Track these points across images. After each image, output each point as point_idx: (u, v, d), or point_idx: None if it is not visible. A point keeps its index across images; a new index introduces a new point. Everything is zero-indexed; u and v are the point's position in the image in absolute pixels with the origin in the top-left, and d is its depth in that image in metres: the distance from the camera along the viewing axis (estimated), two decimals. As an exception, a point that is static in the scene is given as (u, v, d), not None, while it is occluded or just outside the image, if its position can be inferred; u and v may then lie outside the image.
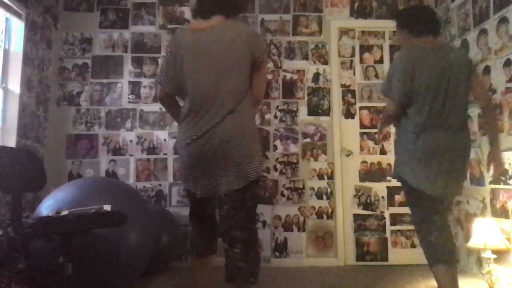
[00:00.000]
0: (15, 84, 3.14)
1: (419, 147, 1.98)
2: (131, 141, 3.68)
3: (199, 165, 1.76)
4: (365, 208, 3.64)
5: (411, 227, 3.41)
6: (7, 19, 3.13)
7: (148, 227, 2.61)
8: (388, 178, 3.63)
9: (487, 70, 2.99)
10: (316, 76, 3.81)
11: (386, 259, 3.46)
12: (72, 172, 3.61)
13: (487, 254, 2.60)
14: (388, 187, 3.64)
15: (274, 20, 3.86)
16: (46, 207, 2.39)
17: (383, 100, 2.64)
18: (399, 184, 2.14)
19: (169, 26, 3.84)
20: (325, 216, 3.63)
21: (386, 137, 3.44)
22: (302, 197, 3.65)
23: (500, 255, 2.62)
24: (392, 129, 2.98)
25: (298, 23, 3.87)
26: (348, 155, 3.68)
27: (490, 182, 2.90)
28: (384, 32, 3.87)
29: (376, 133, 2.68)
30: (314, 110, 3.77)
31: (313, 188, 3.66)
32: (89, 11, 3.83)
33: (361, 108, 3.78)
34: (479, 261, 2.95)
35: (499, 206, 2.80)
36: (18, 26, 3.18)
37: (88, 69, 3.75)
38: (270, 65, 3.80)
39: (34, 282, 2.54)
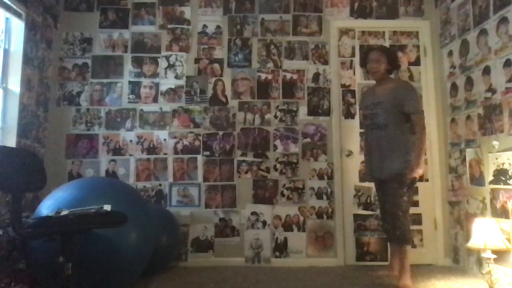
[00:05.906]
0: (15, 84, 3.14)
1: None
2: (131, 141, 3.68)
3: None
4: (365, 208, 3.63)
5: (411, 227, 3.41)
6: (7, 19, 3.13)
7: (148, 227, 2.61)
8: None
9: (487, 70, 2.99)
10: (316, 76, 3.81)
11: (386, 259, 3.46)
12: (72, 172, 3.61)
13: (487, 254, 2.60)
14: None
15: (274, 20, 3.86)
16: (46, 207, 2.39)
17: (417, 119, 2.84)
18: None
19: (169, 26, 3.84)
20: (325, 216, 3.63)
21: None
22: (302, 197, 3.65)
23: (500, 255, 2.62)
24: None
25: (298, 23, 3.87)
26: (348, 155, 3.69)
27: (490, 182, 2.90)
28: (384, 32, 3.87)
29: None
30: (314, 110, 3.77)
31: (313, 188, 3.66)
32: (89, 11, 3.83)
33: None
34: (479, 261, 2.95)
35: (499, 206, 2.80)
36: (18, 26, 3.18)
37: (88, 69, 3.75)
38: (270, 65, 3.80)
39: (34, 282, 2.54)
